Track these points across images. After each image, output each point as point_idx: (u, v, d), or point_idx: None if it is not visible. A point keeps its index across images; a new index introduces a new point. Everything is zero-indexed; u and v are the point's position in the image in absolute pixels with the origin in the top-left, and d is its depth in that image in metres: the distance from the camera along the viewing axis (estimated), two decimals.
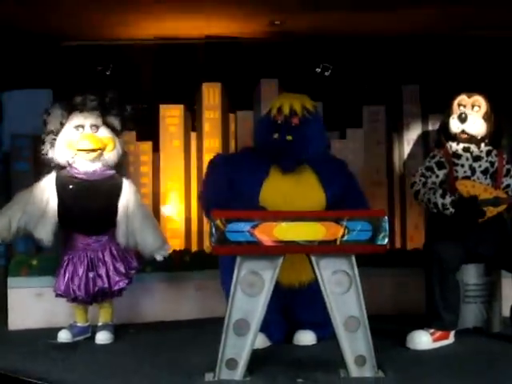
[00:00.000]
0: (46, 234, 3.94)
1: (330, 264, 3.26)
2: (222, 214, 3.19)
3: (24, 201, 4.00)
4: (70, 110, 4.08)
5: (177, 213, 5.08)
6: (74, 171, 4.04)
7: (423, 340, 3.81)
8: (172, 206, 5.06)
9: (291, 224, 3.20)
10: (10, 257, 4.64)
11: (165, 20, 5.54)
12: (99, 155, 4.03)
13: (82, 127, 4.03)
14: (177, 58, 6.28)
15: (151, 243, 4.05)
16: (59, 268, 4.07)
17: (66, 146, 4.01)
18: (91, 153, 4.01)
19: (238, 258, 3.25)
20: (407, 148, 5.23)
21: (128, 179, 4.20)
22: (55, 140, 4.03)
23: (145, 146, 5.14)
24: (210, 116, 5.17)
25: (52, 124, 4.06)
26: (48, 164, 4.10)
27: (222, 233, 3.16)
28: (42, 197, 4.00)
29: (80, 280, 4.00)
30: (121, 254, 4.07)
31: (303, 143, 3.84)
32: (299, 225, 3.21)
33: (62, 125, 4.05)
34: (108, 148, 4.05)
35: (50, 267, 4.27)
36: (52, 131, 4.05)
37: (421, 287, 4.03)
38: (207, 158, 4.47)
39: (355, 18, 5.47)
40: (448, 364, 3.52)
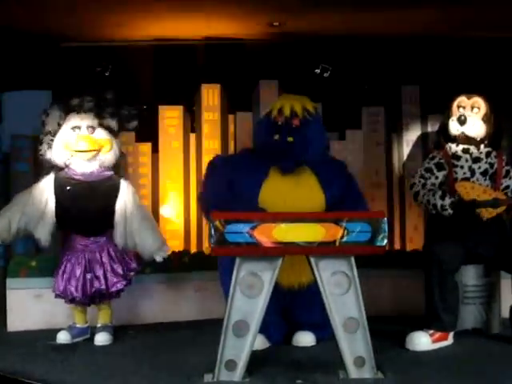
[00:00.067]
0: (44, 235, 3.95)
1: (330, 265, 3.26)
2: (221, 216, 3.19)
3: (23, 202, 4.00)
4: (68, 111, 4.08)
5: (176, 214, 5.08)
6: (72, 172, 4.04)
7: (422, 341, 3.81)
8: (171, 207, 5.06)
9: (290, 225, 3.20)
10: (9, 258, 4.64)
11: (164, 21, 5.53)
12: (95, 156, 4.03)
13: (79, 128, 4.03)
14: (176, 59, 6.28)
15: (150, 244, 4.05)
16: (57, 269, 4.07)
17: (63, 147, 4.01)
18: (87, 153, 4.01)
19: (238, 260, 3.25)
20: (406, 149, 5.23)
21: (126, 180, 4.19)
22: (53, 141, 4.03)
23: (144, 147, 5.14)
24: (210, 117, 5.17)
25: (50, 125, 4.07)
26: (46, 165, 4.10)
27: (221, 234, 3.16)
28: (41, 198, 4.00)
29: (77, 281, 4.00)
30: (119, 256, 4.07)
31: (304, 144, 3.84)
32: (298, 226, 3.21)
33: (60, 126, 4.05)
34: (105, 149, 4.05)
35: (49, 268, 4.27)
36: (50, 132, 4.06)
37: (420, 288, 4.03)
38: (206, 159, 4.47)
39: (355, 19, 5.46)
40: (447, 365, 3.52)
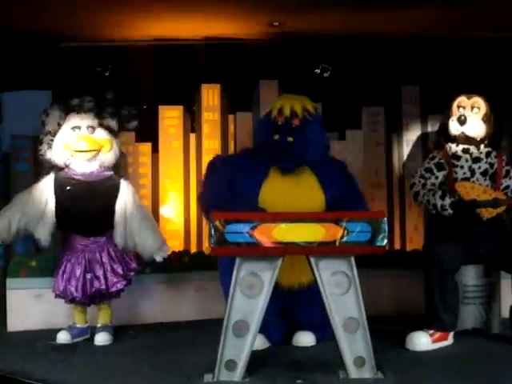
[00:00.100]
0: (44, 235, 3.96)
1: (330, 265, 3.26)
2: (221, 216, 3.19)
3: (23, 202, 4.00)
4: (68, 111, 4.08)
5: (176, 214, 5.08)
6: (72, 172, 4.04)
7: (422, 341, 3.81)
8: (171, 207, 5.06)
9: (290, 225, 3.20)
10: (9, 258, 4.64)
11: (164, 21, 5.53)
12: (95, 156, 4.03)
13: (79, 128, 4.03)
14: (176, 59, 6.27)
15: (150, 244, 4.04)
16: (58, 269, 4.07)
17: (63, 147, 4.01)
18: (87, 153, 4.01)
19: (238, 260, 3.25)
20: (406, 149, 5.23)
21: (126, 180, 4.19)
22: (53, 141, 4.03)
23: (144, 147, 5.14)
24: (210, 117, 5.17)
25: (50, 125, 4.07)
26: (46, 165, 4.10)
27: (221, 234, 3.16)
28: (41, 198, 4.00)
29: (77, 281, 4.00)
30: (119, 256, 4.07)
31: (304, 144, 3.84)
32: (298, 226, 3.21)
33: (60, 126, 4.05)
34: (105, 149, 4.05)
35: (49, 268, 4.27)
36: (50, 132, 4.06)
37: (420, 288, 4.03)
38: (206, 160, 4.47)
39: (355, 19, 5.46)
40: (447, 365, 3.52)
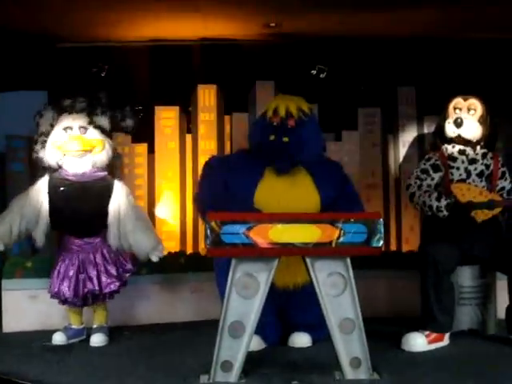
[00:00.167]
0: (39, 236, 3.96)
1: (325, 266, 3.26)
2: (217, 216, 3.19)
3: (21, 205, 4.00)
4: (60, 112, 4.07)
5: (172, 215, 5.07)
6: (65, 173, 4.03)
7: (418, 342, 3.81)
8: (167, 208, 5.06)
9: (286, 226, 3.19)
10: (5, 259, 4.62)
11: (161, 21, 5.53)
12: (86, 156, 4.02)
13: (71, 129, 4.02)
14: (172, 60, 6.28)
15: (145, 244, 4.02)
16: (53, 269, 4.07)
17: (55, 148, 4.01)
18: (78, 153, 3.99)
19: (233, 260, 3.24)
20: (403, 150, 5.24)
21: (120, 181, 4.18)
22: (46, 142, 4.03)
23: (140, 148, 5.13)
24: (206, 118, 5.17)
25: (43, 126, 4.06)
26: (41, 166, 4.10)
27: (217, 235, 3.15)
28: (37, 199, 4.00)
29: (70, 282, 3.99)
30: (113, 257, 4.06)
31: (299, 145, 3.83)
32: (294, 227, 3.20)
33: (52, 127, 4.04)
34: (96, 149, 4.04)
35: (45, 269, 4.26)
36: (43, 133, 4.05)
37: (416, 289, 4.03)
38: (202, 160, 4.48)
39: (353, 20, 5.47)
40: (443, 366, 3.52)
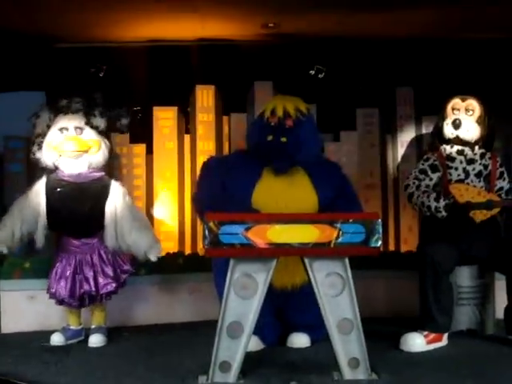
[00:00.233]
0: (39, 237, 3.96)
1: (324, 266, 3.26)
2: (216, 217, 3.18)
3: (21, 208, 4.00)
4: (56, 113, 4.07)
5: (170, 215, 5.07)
6: (61, 174, 4.03)
7: (417, 342, 3.81)
8: (165, 209, 5.05)
9: (285, 226, 3.19)
10: (3, 259, 4.61)
11: (159, 22, 5.53)
12: (82, 157, 4.01)
13: (67, 129, 4.01)
14: (171, 60, 6.28)
15: (143, 243, 4.00)
16: (51, 270, 4.06)
17: (51, 149, 4.00)
18: (74, 154, 3.99)
19: (232, 261, 3.24)
20: (401, 150, 5.24)
21: (117, 181, 4.17)
22: (43, 143, 4.02)
23: (138, 149, 5.13)
24: (204, 118, 5.16)
25: (39, 127, 4.06)
26: (39, 167, 4.10)
27: (216, 235, 3.15)
28: (36, 200, 4.00)
29: (66, 282, 3.99)
30: (111, 257, 4.05)
31: (297, 145, 3.83)
32: (293, 227, 3.20)
33: (49, 127, 4.04)
34: (92, 150, 4.03)
35: (43, 270, 4.26)
36: (40, 134, 4.04)
37: (414, 289, 4.03)
38: (201, 161, 4.47)
39: (350, 21, 5.48)
40: (442, 366, 3.52)
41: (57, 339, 4.02)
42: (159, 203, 5.06)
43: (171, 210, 5.07)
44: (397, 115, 5.29)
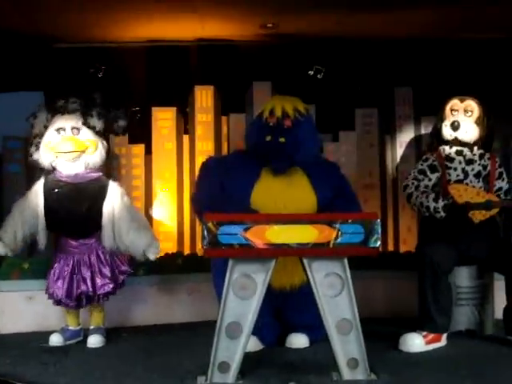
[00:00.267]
0: (41, 237, 3.97)
1: (323, 266, 3.26)
2: (214, 217, 3.18)
3: (21, 209, 4.00)
4: (54, 113, 4.06)
5: (169, 216, 5.07)
6: (59, 174, 4.02)
7: (416, 342, 3.81)
8: (164, 209, 5.05)
9: (283, 227, 3.19)
10: (1, 260, 4.61)
11: (158, 22, 5.53)
12: (79, 157, 4.00)
13: (64, 130, 4.00)
14: (169, 61, 6.28)
15: (141, 243, 3.97)
16: (49, 270, 4.06)
17: (48, 149, 3.99)
18: (71, 154, 3.98)
19: (231, 261, 3.24)
20: (400, 150, 5.25)
21: (115, 181, 4.15)
22: (40, 143, 4.02)
23: (137, 149, 5.13)
24: (203, 119, 5.17)
25: (37, 127, 4.05)
26: (36, 167, 4.10)
27: (214, 235, 3.15)
28: (35, 201, 4.00)
29: (63, 282, 3.98)
30: (108, 258, 4.03)
31: (296, 145, 3.83)
32: (292, 227, 3.20)
33: (46, 128, 4.03)
34: (89, 150, 4.02)
35: (42, 270, 4.25)
36: (37, 134, 4.04)
37: (413, 290, 4.02)
38: (200, 161, 4.47)
39: (349, 21, 5.48)
40: (441, 366, 3.52)
41: (55, 340, 4.01)
42: (158, 204, 5.06)
43: (170, 211, 5.07)
44: (396, 115, 5.29)
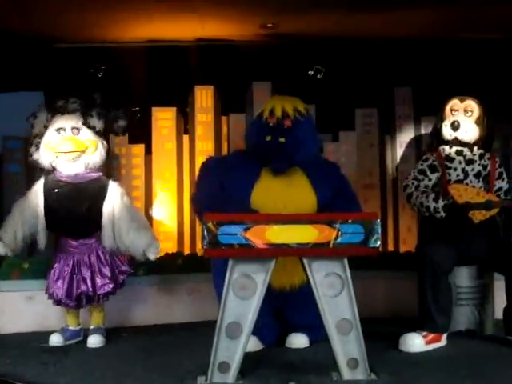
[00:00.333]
0: (41, 238, 3.97)
1: (323, 266, 3.26)
2: (214, 217, 3.18)
3: (21, 210, 4.00)
4: (54, 113, 4.06)
5: (169, 216, 5.07)
6: (59, 174, 4.02)
7: (416, 342, 3.81)
8: (164, 209, 5.05)
9: (283, 227, 3.19)
10: (1, 260, 4.61)
11: (158, 22, 5.53)
12: (79, 157, 4.00)
13: (64, 130, 4.00)
14: (169, 61, 6.28)
15: (140, 242, 3.97)
16: (49, 270, 4.06)
17: (48, 149, 3.99)
18: (70, 154, 3.98)
19: (230, 261, 3.23)
20: (400, 150, 5.25)
21: (115, 181, 4.15)
22: (40, 143, 4.02)
23: (137, 149, 5.14)
24: (203, 119, 5.17)
25: (37, 127, 4.05)
26: (36, 167, 4.09)
27: (214, 236, 3.15)
28: (35, 201, 4.00)
29: (63, 282, 3.98)
30: (108, 258, 4.03)
31: (296, 145, 3.83)
32: (291, 227, 3.20)
33: (46, 128, 4.03)
34: (89, 150, 4.02)
35: (42, 270, 4.25)
36: (37, 134, 4.04)
37: (413, 290, 4.02)
38: (200, 161, 4.47)
39: (349, 21, 5.48)
40: (441, 366, 3.52)
41: (55, 340, 4.01)
42: (158, 204, 5.06)
43: (170, 211, 5.07)
44: (396, 115, 5.29)
